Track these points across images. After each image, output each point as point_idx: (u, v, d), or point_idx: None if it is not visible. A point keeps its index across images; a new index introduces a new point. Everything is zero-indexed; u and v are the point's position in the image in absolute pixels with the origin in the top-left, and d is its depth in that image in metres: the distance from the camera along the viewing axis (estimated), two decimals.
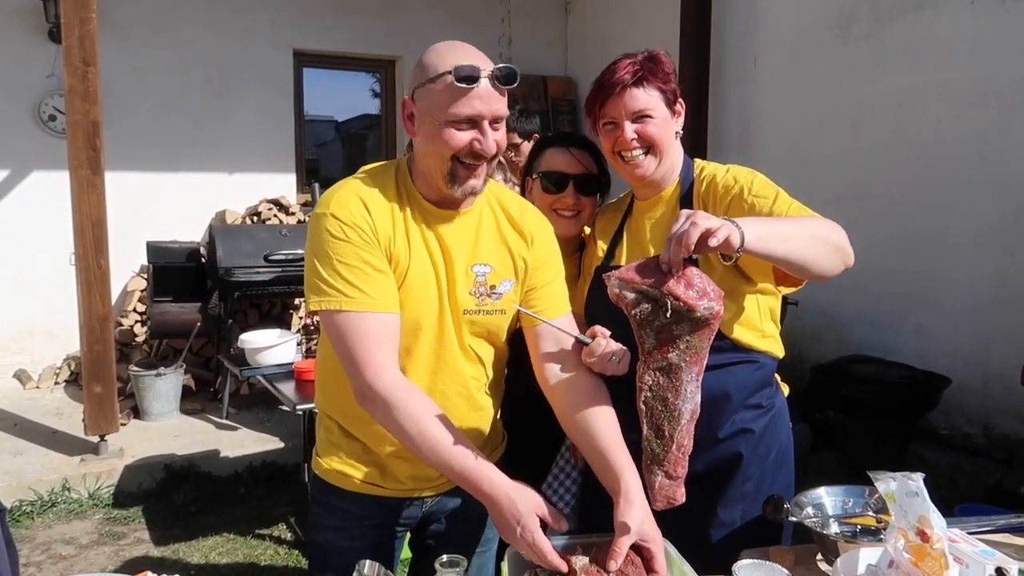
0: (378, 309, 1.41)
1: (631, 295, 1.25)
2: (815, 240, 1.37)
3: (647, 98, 1.61)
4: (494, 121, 1.42)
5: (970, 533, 1.28)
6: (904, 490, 1.11)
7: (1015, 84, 3.94)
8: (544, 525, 1.31)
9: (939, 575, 1.09)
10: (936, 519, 1.09)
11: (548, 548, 1.26)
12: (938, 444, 4.18)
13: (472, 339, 1.54)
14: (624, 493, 1.33)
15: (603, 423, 1.44)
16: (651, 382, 1.29)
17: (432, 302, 1.48)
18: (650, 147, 1.64)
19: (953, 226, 4.23)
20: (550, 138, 1.98)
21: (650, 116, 1.62)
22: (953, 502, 3.22)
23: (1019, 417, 3.92)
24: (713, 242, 1.18)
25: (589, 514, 1.79)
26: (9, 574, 2.05)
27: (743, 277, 1.58)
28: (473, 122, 1.40)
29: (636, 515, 1.30)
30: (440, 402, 1.47)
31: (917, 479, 1.10)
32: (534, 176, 1.94)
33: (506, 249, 1.56)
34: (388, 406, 1.37)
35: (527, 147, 3.86)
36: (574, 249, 1.95)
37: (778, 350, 1.71)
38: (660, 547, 1.32)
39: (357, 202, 1.44)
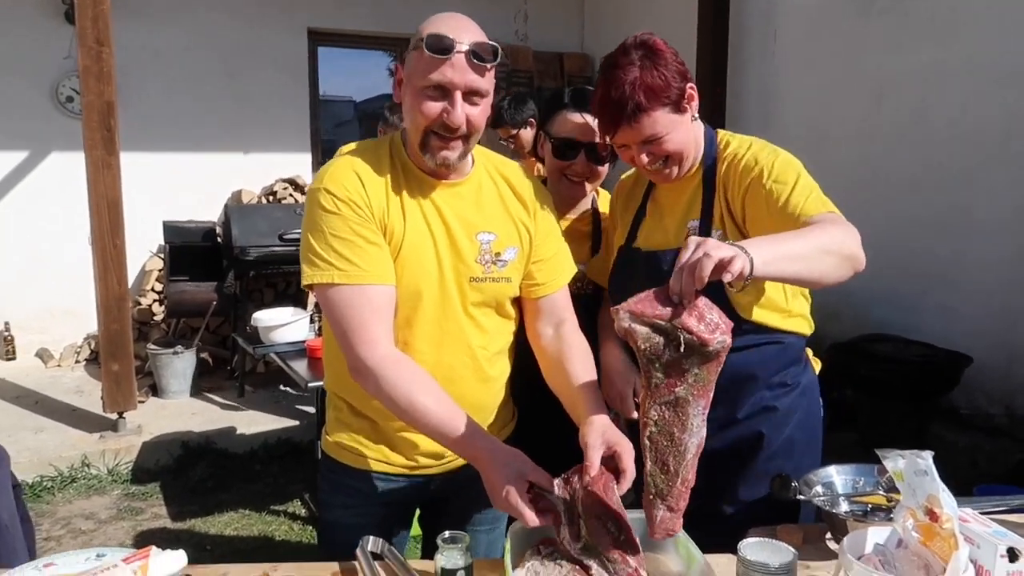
0: (371, 281, 1.40)
1: (642, 329, 1.18)
2: (824, 255, 1.32)
3: (652, 124, 1.53)
4: (470, 94, 1.40)
5: (983, 513, 1.25)
6: (912, 468, 1.08)
7: None
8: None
9: (948, 555, 1.06)
10: (946, 498, 1.06)
11: (530, 515, 1.28)
12: (958, 424, 4.12)
13: (477, 308, 1.53)
14: (587, 420, 1.38)
15: (581, 367, 1.52)
16: (656, 417, 1.23)
17: (431, 271, 1.47)
18: (667, 159, 1.59)
19: (976, 205, 4.14)
20: (566, 99, 1.90)
21: (661, 136, 1.55)
22: (973, 482, 3.18)
23: None
24: (727, 277, 1.13)
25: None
26: (25, 548, 2.08)
27: None
28: (446, 92, 1.39)
29: (597, 429, 1.34)
30: (446, 373, 1.47)
31: (926, 457, 1.07)
32: (547, 136, 1.90)
33: (509, 217, 1.56)
34: (378, 379, 1.38)
35: (526, 134, 3.84)
36: (583, 206, 1.95)
37: (806, 328, 1.67)
38: (628, 450, 1.33)
39: (351, 175, 1.44)
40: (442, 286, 1.49)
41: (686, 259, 1.15)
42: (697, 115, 1.63)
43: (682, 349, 1.17)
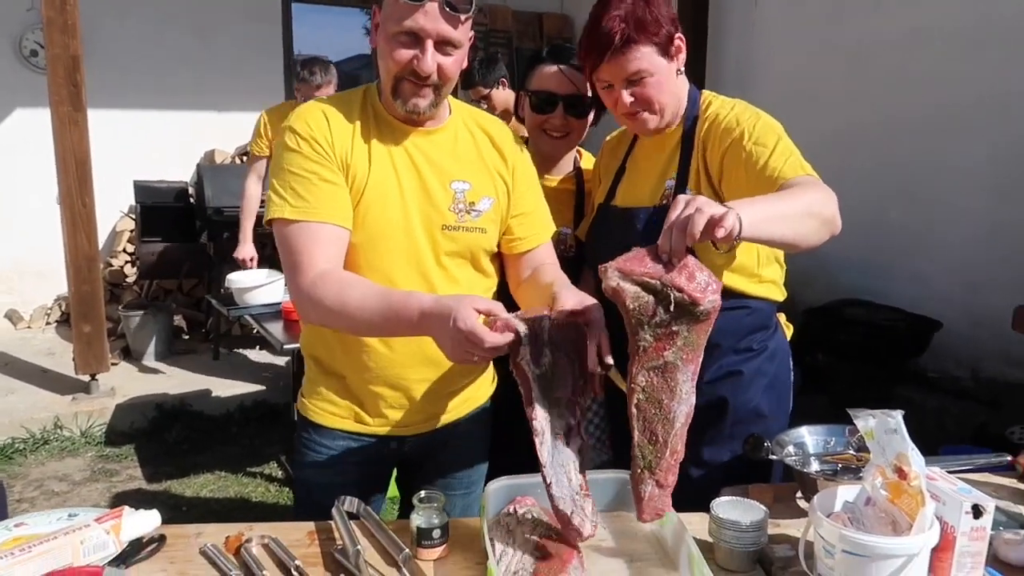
0: (319, 219, 1.40)
1: (631, 288, 1.14)
2: (807, 217, 1.32)
3: (639, 60, 1.52)
4: (442, 43, 1.39)
5: (950, 472, 1.28)
6: (883, 427, 1.10)
7: (1017, 23, 3.84)
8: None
9: (915, 512, 1.08)
10: (915, 456, 1.08)
11: (486, 332, 1.18)
12: (927, 387, 4.20)
13: (450, 258, 1.51)
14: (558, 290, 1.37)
15: (556, 276, 1.49)
16: (644, 383, 1.18)
17: (395, 217, 1.46)
18: (649, 105, 1.57)
19: (949, 172, 4.18)
20: (545, 53, 1.91)
21: (645, 77, 1.54)
22: (940, 443, 3.25)
23: (1007, 360, 3.94)
24: (720, 232, 1.10)
25: (622, 445, 1.78)
26: None
27: None
28: (418, 39, 1.38)
29: (567, 288, 1.36)
30: None
31: (896, 416, 1.08)
32: (525, 92, 1.89)
33: (485, 167, 1.55)
34: (311, 298, 1.38)
35: (499, 94, 3.87)
36: (564, 167, 1.94)
37: (776, 294, 1.68)
38: (597, 306, 1.28)
39: (318, 116, 1.45)
40: (407, 233, 1.47)
41: (676, 216, 1.12)
42: (683, 69, 1.61)
43: (672, 309, 1.14)
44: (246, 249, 4.20)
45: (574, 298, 1.32)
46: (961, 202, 4.13)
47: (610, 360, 1.25)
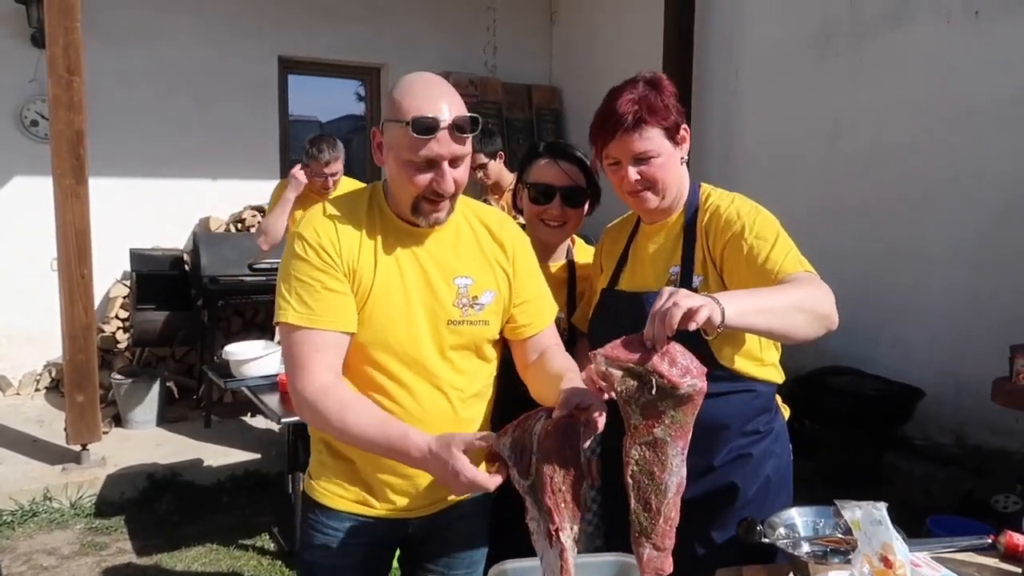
0: (322, 326, 1.48)
1: (617, 372, 1.26)
2: (797, 312, 1.41)
3: (648, 140, 1.63)
4: (454, 161, 1.48)
5: (933, 555, 1.34)
6: (868, 518, 1.16)
7: (988, 101, 4.03)
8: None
9: None
10: (899, 546, 1.14)
11: (486, 479, 1.30)
12: (912, 454, 4.26)
13: (455, 351, 1.58)
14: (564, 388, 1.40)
15: (563, 364, 1.55)
16: (637, 456, 1.30)
17: (399, 319, 1.53)
18: (653, 185, 1.67)
19: (929, 239, 4.32)
20: (541, 149, 2.04)
21: (652, 157, 1.65)
22: (926, 511, 3.30)
23: (990, 428, 4.01)
24: (692, 326, 1.21)
25: (615, 531, 1.83)
26: None
27: None
28: (432, 163, 1.46)
29: (569, 387, 1.38)
30: (419, 416, 1.52)
31: (881, 508, 1.15)
32: (524, 184, 2.01)
33: (487, 261, 1.63)
34: (313, 409, 1.45)
35: (494, 166, 4.10)
36: (560, 256, 2.05)
37: (777, 376, 1.75)
38: (599, 406, 1.33)
39: (325, 223, 1.53)
40: (411, 331, 1.54)
41: (658, 307, 1.23)
42: (687, 159, 1.72)
43: (654, 392, 1.24)
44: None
45: (577, 398, 1.36)
46: (942, 271, 4.25)
47: None
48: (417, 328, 1.54)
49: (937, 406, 4.15)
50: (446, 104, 1.46)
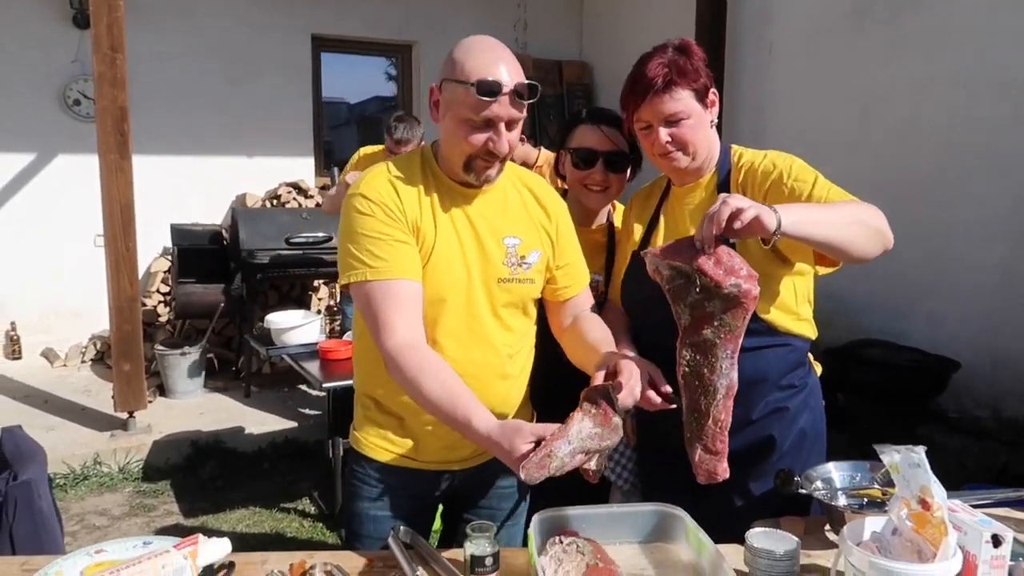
0: (397, 276, 1.52)
1: (666, 271, 1.32)
2: (854, 224, 1.44)
3: (678, 102, 1.66)
4: (510, 123, 1.52)
5: (972, 506, 1.37)
6: (907, 461, 1.20)
7: None
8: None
9: (939, 541, 1.17)
10: (937, 489, 1.17)
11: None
12: (947, 427, 4.24)
13: (505, 309, 1.64)
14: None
15: (599, 334, 1.63)
16: (688, 357, 1.35)
17: (459, 275, 1.59)
18: (684, 147, 1.70)
19: (964, 213, 4.28)
20: (583, 115, 2.07)
21: (683, 119, 1.67)
22: (961, 484, 3.29)
23: None
24: (737, 224, 1.26)
25: (650, 489, 1.89)
26: (60, 539, 2.18)
27: (780, 260, 1.64)
28: (490, 123, 1.50)
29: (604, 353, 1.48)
30: (471, 371, 1.57)
31: (919, 451, 1.18)
32: (566, 150, 2.04)
33: (532, 223, 1.68)
34: (393, 364, 1.50)
35: (518, 149, 4.08)
36: (601, 221, 2.08)
37: (811, 332, 1.78)
38: (629, 368, 1.42)
39: (386, 183, 1.57)
40: (469, 288, 1.60)
41: (710, 210, 1.30)
42: (716, 122, 1.75)
43: (699, 290, 1.30)
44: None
45: (609, 363, 1.46)
46: (978, 245, 4.21)
47: (668, 388, 1.44)
48: (472, 285, 1.60)
49: (972, 379, 4.13)
50: (508, 68, 1.50)
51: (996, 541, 1.20)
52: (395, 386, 1.56)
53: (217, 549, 1.48)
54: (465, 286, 1.60)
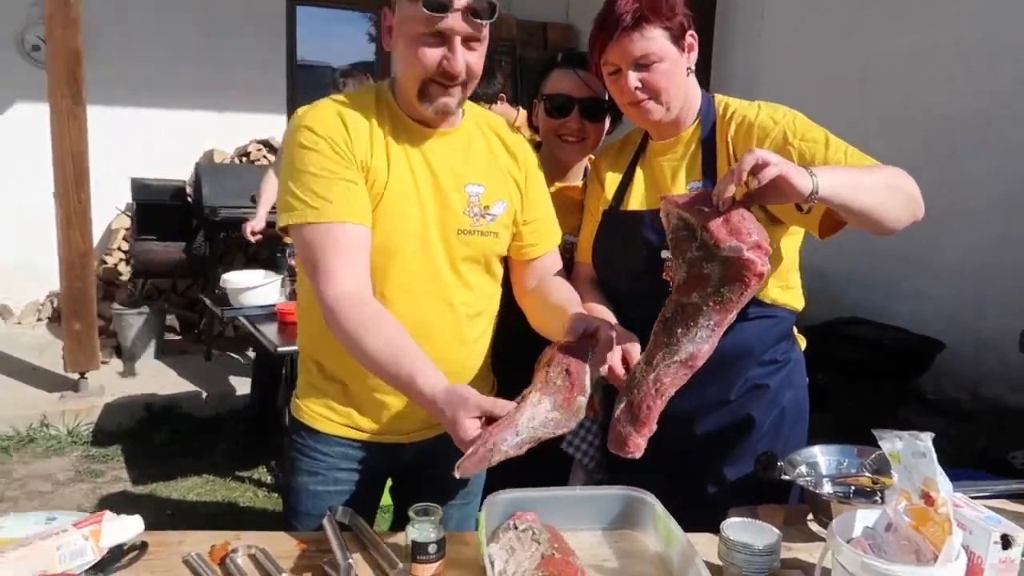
0: (343, 219, 1.34)
1: (674, 220, 1.22)
2: (892, 190, 1.28)
3: (649, 42, 1.46)
4: (469, 40, 1.35)
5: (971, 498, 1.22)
6: (911, 450, 1.04)
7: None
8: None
9: (941, 540, 1.02)
10: (943, 482, 1.02)
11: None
12: (927, 409, 4.15)
13: (465, 264, 1.47)
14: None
15: (565, 295, 1.49)
16: (669, 314, 1.24)
17: (413, 223, 1.41)
18: (656, 94, 1.51)
19: (958, 191, 4.14)
20: (559, 58, 1.86)
21: (655, 61, 1.48)
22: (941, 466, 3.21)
23: (1009, 384, 3.90)
24: (753, 184, 1.13)
25: (618, 469, 1.72)
26: None
27: (768, 219, 1.47)
28: (445, 38, 1.33)
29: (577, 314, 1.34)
30: (423, 331, 1.40)
31: (925, 439, 1.03)
32: (540, 98, 1.83)
33: (499, 170, 1.51)
34: (333, 316, 1.32)
35: (497, 108, 3.83)
36: (576, 176, 1.88)
37: (798, 302, 1.62)
38: (605, 326, 1.30)
39: (334, 116, 1.39)
40: (424, 238, 1.43)
41: (737, 165, 1.15)
42: (693, 69, 1.56)
43: (698, 246, 1.18)
44: (258, 223, 4.12)
45: (583, 324, 1.30)
46: (970, 222, 4.09)
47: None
48: (428, 235, 1.42)
49: (955, 360, 4.03)
50: None
51: (1006, 542, 1.05)
52: (339, 347, 1.38)
53: (126, 528, 1.31)
54: (419, 235, 1.42)
